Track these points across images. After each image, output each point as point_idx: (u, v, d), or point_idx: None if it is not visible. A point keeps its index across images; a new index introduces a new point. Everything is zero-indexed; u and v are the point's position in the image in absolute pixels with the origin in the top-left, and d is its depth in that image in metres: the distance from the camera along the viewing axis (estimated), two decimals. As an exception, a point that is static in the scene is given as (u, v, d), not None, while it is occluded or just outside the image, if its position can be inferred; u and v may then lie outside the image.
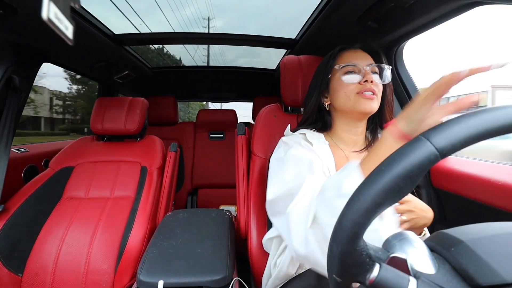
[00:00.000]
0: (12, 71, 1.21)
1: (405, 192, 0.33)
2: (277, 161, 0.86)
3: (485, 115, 0.34)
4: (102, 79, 2.10)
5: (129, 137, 1.64)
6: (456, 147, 0.32)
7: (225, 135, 2.71)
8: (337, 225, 0.35)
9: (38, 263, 1.15)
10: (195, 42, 1.83)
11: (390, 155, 0.35)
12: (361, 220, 0.33)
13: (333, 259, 0.35)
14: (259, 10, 6.67)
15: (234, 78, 2.60)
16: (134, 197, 1.38)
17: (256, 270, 1.01)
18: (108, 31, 1.47)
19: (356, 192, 0.34)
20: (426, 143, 0.33)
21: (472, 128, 0.33)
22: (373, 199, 0.32)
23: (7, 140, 1.20)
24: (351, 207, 0.34)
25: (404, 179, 0.32)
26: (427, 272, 0.33)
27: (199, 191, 2.57)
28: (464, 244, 0.34)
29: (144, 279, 0.81)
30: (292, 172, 0.76)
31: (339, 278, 0.36)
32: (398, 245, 0.36)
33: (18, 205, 1.22)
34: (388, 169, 0.33)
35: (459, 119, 0.34)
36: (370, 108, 0.83)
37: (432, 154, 0.32)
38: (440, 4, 0.91)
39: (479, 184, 0.89)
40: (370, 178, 0.34)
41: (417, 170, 0.32)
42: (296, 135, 0.92)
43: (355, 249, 0.34)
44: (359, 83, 0.83)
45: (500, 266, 0.30)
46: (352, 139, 0.92)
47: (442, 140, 0.32)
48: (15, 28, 1.12)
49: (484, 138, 0.33)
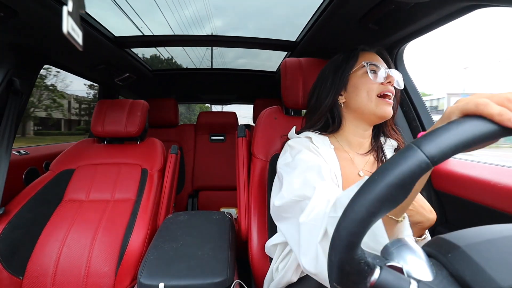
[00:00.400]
0: (12, 74, 1.21)
1: (399, 201, 0.33)
2: (285, 167, 0.83)
3: (474, 122, 0.34)
4: (103, 81, 2.10)
5: (129, 140, 1.64)
6: (447, 154, 0.32)
7: (226, 137, 2.71)
8: (335, 234, 0.35)
9: (38, 265, 1.15)
10: (196, 45, 1.83)
11: (383, 164, 0.35)
12: (356, 230, 0.33)
13: (333, 267, 0.36)
14: (259, 12, 6.70)
15: (234, 80, 2.60)
16: (135, 200, 1.38)
17: (257, 273, 1.00)
18: (108, 34, 1.47)
19: (351, 202, 0.35)
20: (417, 151, 0.33)
21: (462, 135, 0.33)
22: (367, 208, 0.33)
23: (8, 143, 1.20)
24: (347, 217, 0.34)
25: (397, 188, 0.32)
26: (425, 279, 0.33)
27: (199, 194, 2.57)
28: (461, 249, 0.34)
29: (144, 281, 0.80)
30: (301, 178, 0.74)
31: (339, 286, 0.36)
32: (396, 252, 0.36)
33: (18, 208, 1.22)
34: (381, 178, 0.33)
35: (449, 126, 0.34)
36: (389, 113, 0.82)
37: (423, 162, 0.32)
38: (441, 7, 0.91)
39: (480, 187, 0.88)
40: (364, 188, 0.34)
41: (409, 178, 0.32)
42: (302, 138, 0.90)
43: (353, 257, 0.34)
44: (382, 83, 0.83)
45: (496, 272, 0.30)
46: (359, 142, 0.90)
47: (433, 148, 0.32)
48: (15, 30, 1.12)
49: (475, 145, 0.33)
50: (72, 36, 0.36)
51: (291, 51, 1.76)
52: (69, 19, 0.36)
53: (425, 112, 1.27)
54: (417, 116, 1.27)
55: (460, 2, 0.87)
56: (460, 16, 0.94)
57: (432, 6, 0.91)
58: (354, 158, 0.88)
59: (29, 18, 1.06)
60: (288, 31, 1.67)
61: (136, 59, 1.90)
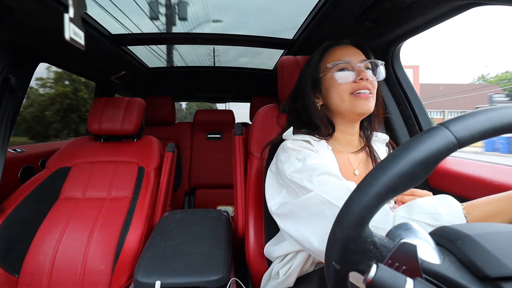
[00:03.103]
0: (8, 71, 1.20)
1: (420, 179, 0.33)
2: (297, 174, 0.75)
3: (505, 110, 0.34)
4: (99, 79, 2.10)
5: (126, 138, 1.64)
6: (475, 138, 0.32)
7: (223, 135, 2.71)
8: (344, 209, 0.34)
9: (34, 263, 1.14)
10: (192, 42, 1.83)
11: (408, 141, 0.34)
12: (371, 204, 0.33)
13: (335, 244, 0.35)
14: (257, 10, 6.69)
15: (232, 78, 2.60)
16: (131, 198, 1.38)
17: (254, 271, 1.01)
18: (105, 31, 1.47)
19: (368, 177, 0.34)
20: (445, 131, 0.33)
21: (492, 121, 0.33)
22: (386, 183, 0.32)
23: (4, 140, 1.19)
24: (362, 190, 0.34)
25: (420, 165, 0.32)
26: (433, 261, 0.33)
27: (196, 192, 2.57)
28: (471, 237, 0.34)
29: (141, 279, 0.80)
30: (323, 181, 0.70)
31: (338, 265, 0.35)
32: (404, 234, 0.36)
33: (14, 206, 1.22)
34: (404, 154, 0.33)
35: (480, 112, 0.34)
36: (368, 108, 0.79)
37: (451, 142, 0.32)
38: (438, 5, 0.91)
39: (476, 185, 0.89)
40: (385, 162, 0.34)
41: (434, 157, 0.32)
42: (301, 142, 0.83)
43: (361, 234, 0.33)
44: (353, 82, 0.79)
45: (508, 259, 0.30)
46: (348, 140, 0.88)
47: (462, 129, 0.33)
48: (11, 28, 1.11)
49: (503, 133, 0.33)
50: (75, 40, 0.36)
51: (288, 49, 1.76)
52: (71, 25, 0.35)
53: (422, 110, 1.27)
54: (413, 114, 1.28)
55: (455, 1, 0.87)
56: (456, 14, 0.94)
57: (428, 4, 0.91)
58: (349, 158, 0.87)
59: (24, 15, 1.05)
60: (285, 29, 1.67)
61: (133, 57, 1.89)
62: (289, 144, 0.83)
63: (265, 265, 0.98)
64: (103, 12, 1.41)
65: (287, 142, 0.85)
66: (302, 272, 0.83)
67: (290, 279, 0.82)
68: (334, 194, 0.64)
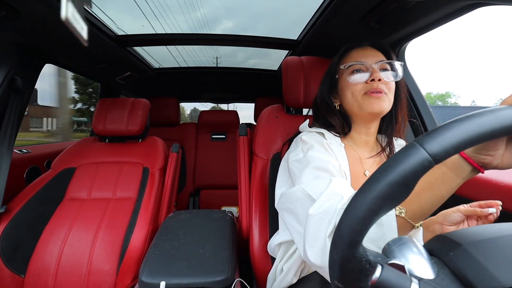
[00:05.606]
0: (14, 72, 1.22)
1: (401, 199, 0.33)
2: (296, 163, 0.80)
3: (477, 119, 0.33)
4: (104, 80, 2.11)
5: (131, 138, 1.64)
6: (449, 152, 0.32)
7: (227, 136, 2.71)
8: (337, 232, 0.35)
9: (40, 264, 1.15)
10: (198, 43, 1.83)
11: (385, 161, 0.35)
12: (358, 228, 0.33)
13: (334, 265, 0.36)
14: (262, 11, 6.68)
15: (236, 79, 2.60)
16: (136, 198, 1.38)
17: (258, 271, 1.01)
18: (110, 32, 1.48)
19: (353, 200, 0.35)
20: (419, 149, 0.32)
21: (465, 132, 0.33)
22: (369, 206, 0.33)
23: (10, 141, 1.20)
24: (349, 214, 0.34)
25: (399, 186, 0.32)
26: (427, 277, 0.33)
27: (201, 192, 2.58)
28: (463, 248, 0.34)
29: (146, 280, 0.81)
30: (313, 174, 0.72)
31: (341, 284, 0.36)
32: (397, 250, 0.36)
33: (20, 206, 1.23)
34: (383, 176, 0.33)
35: (451, 124, 0.34)
36: (380, 108, 0.78)
37: (426, 160, 0.32)
38: (443, 5, 0.91)
39: (482, 185, 0.88)
40: (365, 186, 0.34)
41: (412, 176, 0.32)
42: (315, 133, 0.87)
43: (355, 255, 0.34)
44: (366, 83, 0.79)
45: (498, 271, 0.30)
46: (364, 140, 0.88)
47: (435, 145, 0.32)
48: (17, 30, 1.12)
49: (478, 143, 0.33)
50: (73, 25, 0.35)
51: (292, 49, 1.76)
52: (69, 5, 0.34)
53: (427, 111, 1.26)
54: (418, 115, 1.27)
55: (461, 1, 0.86)
56: (461, 14, 0.93)
57: (433, 4, 0.91)
58: (363, 158, 0.87)
59: (31, 17, 1.06)
60: (289, 29, 1.66)
61: (138, 58, 1.90)
62: (304, 136, 0.87)
63: (269, 265, 0.97)
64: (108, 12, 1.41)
65: (302, 134, 0.89)
66: (304, 272, 0.84)
67: (290, 274, 0.83)
68: (315, 189, 0.66)
